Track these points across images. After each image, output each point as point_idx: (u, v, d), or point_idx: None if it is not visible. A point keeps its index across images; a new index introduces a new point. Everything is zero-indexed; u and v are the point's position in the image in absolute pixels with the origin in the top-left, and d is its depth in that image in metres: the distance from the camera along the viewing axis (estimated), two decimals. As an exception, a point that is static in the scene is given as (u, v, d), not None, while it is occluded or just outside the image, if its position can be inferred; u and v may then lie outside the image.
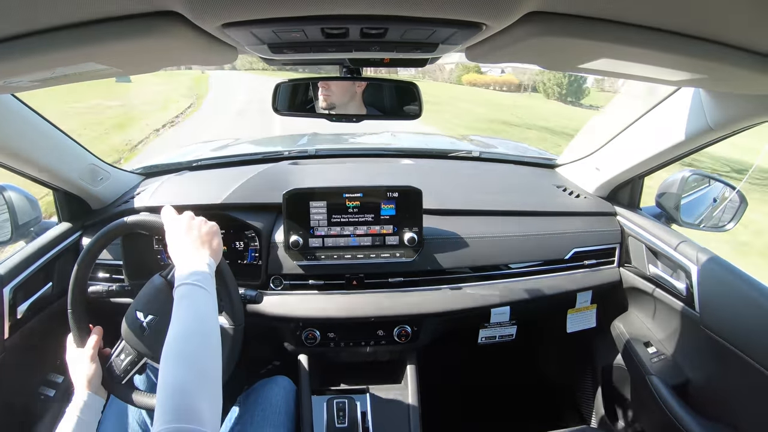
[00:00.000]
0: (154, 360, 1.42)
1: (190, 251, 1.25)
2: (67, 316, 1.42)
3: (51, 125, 1.66)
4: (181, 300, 1.13)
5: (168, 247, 1.30)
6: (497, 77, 60.61)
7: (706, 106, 1.43)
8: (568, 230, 1.95)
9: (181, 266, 1.22)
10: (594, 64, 1.00)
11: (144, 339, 1.40)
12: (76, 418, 1.27)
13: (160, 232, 1.39)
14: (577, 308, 2.02)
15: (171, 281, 1.41)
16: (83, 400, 1.31)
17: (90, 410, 1.31)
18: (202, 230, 1.32)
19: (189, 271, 1.18)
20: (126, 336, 1.41)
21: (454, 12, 0.74)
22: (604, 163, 2.01)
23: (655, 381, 1.73)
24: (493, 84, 60.07)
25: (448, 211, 1.94)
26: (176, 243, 1.27)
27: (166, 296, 1.38)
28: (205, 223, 1.35)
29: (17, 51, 0.78)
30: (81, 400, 1.31)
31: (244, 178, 1.98)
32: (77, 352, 1.42)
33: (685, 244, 1.70)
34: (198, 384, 0.95)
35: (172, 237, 1.29)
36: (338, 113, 1.61)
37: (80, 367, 1.39)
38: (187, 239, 1.27)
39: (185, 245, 1.26)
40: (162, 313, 1.39)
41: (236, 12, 0.73)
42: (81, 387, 1.35)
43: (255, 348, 1.24)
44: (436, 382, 2.29)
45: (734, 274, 1.52)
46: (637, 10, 0.73)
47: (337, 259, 1.78)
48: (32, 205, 1.83)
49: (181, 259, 1.24)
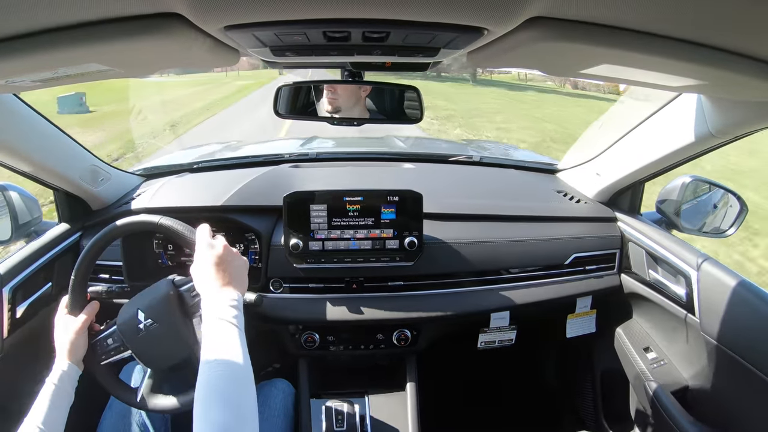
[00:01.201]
0: (138, 360, 1.43)
1: (221, 284, 1.22)
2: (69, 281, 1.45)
3: (53, 125, 1.67)
4: (219, 337, 1.11)
5: (195, 269, 1.29)
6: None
7: (707, 112, 1.42)
8: (568, 235, 1.94)
9: (211, 298, 1.20)
10: (595, 70, 1.01)
11: (137, 339, 1.40)
12: (54, 386, 1.28)
13: (188, 246, 1.40)
14: (577, 313, 2.02)
15: (182, 294, 1.43)
16: (62, 369, 1.33)
17: (68, 379, 1.32)
18: (235, 264, 1.30)
19: (222, 306, 1.17)
20: (120, 327, 1.42)
21: (456, 17, 0.74)
22: (605, 168, 2.01)
23: (654, 387, 1.72)
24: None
25: (448, 216, 1.94)
26: (206, 270, 1.25)
27: (173, 306, 1.40)
28: (238, 257, 1.33)
29: (19, 50, 0.78)
30: (60, 369, 1.33)
31: (245, 180, 1.98)
32: (67, 318, 1.44)
33: (685, 249, 1.69)
34: (239, 425, 0.97)
35: (202, 262, 1.27)
36: (341, 117, 1.62)
37: (66, 336, 1.40)
38: (219, 270, 1.25)
39: (216, 276, 1.23)
40: (163, 322, 1.39)
41: (238, 14, 0.73)
42: (62, 355, 1.37)
43: (254, 351, 1.24)
44: (435, 387, 2.29)
45: (735, 279, 1.52)
46: (639, 16, 0.73)
47: (337, 262, 1.78)
48: (33, 204, 1.83)
49: (212, 291, 1.21)
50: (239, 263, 1.31)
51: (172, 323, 1.40)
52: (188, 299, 1.43)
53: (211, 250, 1.27)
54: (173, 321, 1.40)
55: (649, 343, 1.89)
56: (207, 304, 1.18)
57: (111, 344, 1.45)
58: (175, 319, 1.40)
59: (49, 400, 1.25)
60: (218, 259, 1.26)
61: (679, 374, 1.75)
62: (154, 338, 1.41)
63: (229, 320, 1.13)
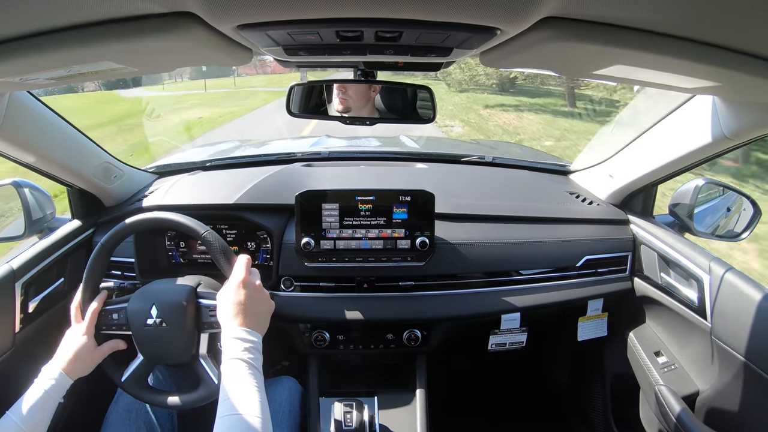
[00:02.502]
0: (136, 344, 1.47)
1: (244, 324, 1.25)
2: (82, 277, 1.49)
3: (66, 123, 1.68)
4: (242, 377, 1.15)
5: (222, 298, 1.33)
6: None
7: (721, 114, 1.41)
8: (580, 237, 1.93)
9: (235, 335, 1.23)
10: (608, 71, 1.00)
11: (142, 330, 1.44)
12: (43, 391, 1.30)
13: (223, 268, 1.44)
14: (588, 316, 2.01)
15: (201, 308, 1.46)
16: (53, 378, 1.34)
17: (57, 389, 1.34)
18: (261, 309, 1.34)
19: (245, 345, 1.21)
20: (130, 312, 1.45)
21: (469, 17, 0.74)
22: (618, 170, 2.00)
23: (664, 391, 1.71)
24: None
25: (460, 216, 1.93)
26: (233, 306, 1.28)
27: (188, 316, 1.43)
28: (266, 300, 1.37)
29: (35, 48, 0.79)
30: (51, 377, 1.34)
31: (257, 179, 1.98)
32: (76, 324, 1.47)
33: (697, 253, 1.68)
34: None
35: (232, 296, 1.30)
36: (352, 116, 1.62)
37: (72, 341, 1.43)
38: (245, 310, 1.28)
39: (241, 315, 1.27)
40: (173, 326, 1.43)
41: (251, 14, 0.73)
42: (57, 364, 1.38)
43: (263, 348, 1.25)
44: (445, 387, 2.28)
45: (747, 284, 1.50)
46: (653, 16, 0.73)
47: (348, 261, 1.78)
48: (46, 201, 1.84)
49: (234, 329, 1.24)
50: (265, 308, 1.36)
51: (180, 330, 1.43)
52: (205, 315, 1.46)
53: (245, 286, 1.31)
54: (183, 329, 1.43)
55: (660, 347, 1.87)
56: (229, 342, 1.22)
57: (115, 320, 1.48)
58: (185, 328, 1.43)
59: (33, 403, 1.27)
60: (248, 299, 1.30)
61: (690, 379, 1.73)
62: (159, 336, 1.43)
63: (250, 362, 1.18)
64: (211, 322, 1.44)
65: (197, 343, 1.46)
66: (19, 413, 1.24)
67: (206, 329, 1.46)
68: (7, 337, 1.56)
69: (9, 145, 1.46)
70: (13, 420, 1.22)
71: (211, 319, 1.43)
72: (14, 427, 1.21)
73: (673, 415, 1.65)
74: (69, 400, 1.44)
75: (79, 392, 1.40)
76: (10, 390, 1.51)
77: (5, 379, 1.55)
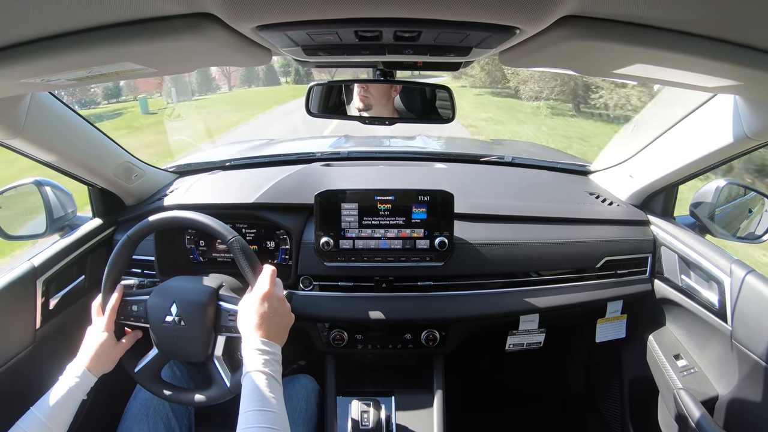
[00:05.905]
0: (152, 337, 1.50)
1: (266, 335, 1.27)
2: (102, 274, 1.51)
3: (88, 123, 1.70)
4: (264, 389, 1.16)
5: (244, 307, 1.35)
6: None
7: (743, 114, 1.39)
8: (599, 238, 1.92)
9: (256, 346, 1.24)
10: (629, 69, 0.99)
11: (159, 326, 1.46)
12: (67, 389, 1.32)
13: (247, 276, 1.45)
14: (607, 318, 1.99)
15: (221, 311, 1.47)
16: (78, 376, 1.36)
17: (81, 387, 1.36)
18: (285, 320, 1.36)
19: (266, 357, 1.23)
20: (150, 306, 1.47)
21: (488, 16, 0.74)
22: (638, 170, 1.98)
23: (683, 395, 1.69)
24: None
25: (479, 216, 1.93)
26: (255, 317, 1.30)
27: (207, 317, 1.44)
28: (287, 313, 1.38)
29: (56, 49, 0.80)
30: (75, 375, 1.36)
31: (277, 178, 1.99)
32: (96, 320, 1.49)
33: (718, 255, 1.66)
34: None
35: (255, 306, 1.32)
36: (372, 116, 1.63)
37: (93, 337, 1.45)
38: (267, 321, 1.29)
39: (263, 326, 1.28)
40: (191, 325, 1.44)
41: (271, 14, 0.73)
42: (81, 362, 1.40)
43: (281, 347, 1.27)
44: (462, 388, 2.28)
45: None
46: (673, 14, 0.72)
47: (367, 261, 1.78)
48: (67, 199, 1.86)
49: (259, 338, 1.26)
50: (286, 321, 1.37)
51: (198, 330, 1.44)
52: (224, 319, 1.47)
53: (268, 301, 1.33)
54: (200, 329, 1.44)
55: (680, 350, 1.85)
56: (250, 353, 1.23)
57: (134, 311, 1.50)
58: (203, 328, 1.44)
59: (57, 399, 1.30)
60: (272, 311, 1.31)
61: (709, 383, 1.71)
62: (176, 334, 1.45)
63: (272, 375, 1.19)
64: (230, 326, 1.45)
65: (213, 345, 1.47)
66: (43, 409, 1.26)
67: (224, 332, 1.46)
68: (28, 333, 1.58)
69: (31, 145, 1.48)
70: (37, 416, 1.24)
71: (230, 323, 1.44)
72: (38, 422, 1.24)
73: (692, 419, 1.63)
74: (92, 396, 1.46)
75: (98, 387, 1.41)
76: (30, 385, 1.54)
77: (26, 375, 1.57)
